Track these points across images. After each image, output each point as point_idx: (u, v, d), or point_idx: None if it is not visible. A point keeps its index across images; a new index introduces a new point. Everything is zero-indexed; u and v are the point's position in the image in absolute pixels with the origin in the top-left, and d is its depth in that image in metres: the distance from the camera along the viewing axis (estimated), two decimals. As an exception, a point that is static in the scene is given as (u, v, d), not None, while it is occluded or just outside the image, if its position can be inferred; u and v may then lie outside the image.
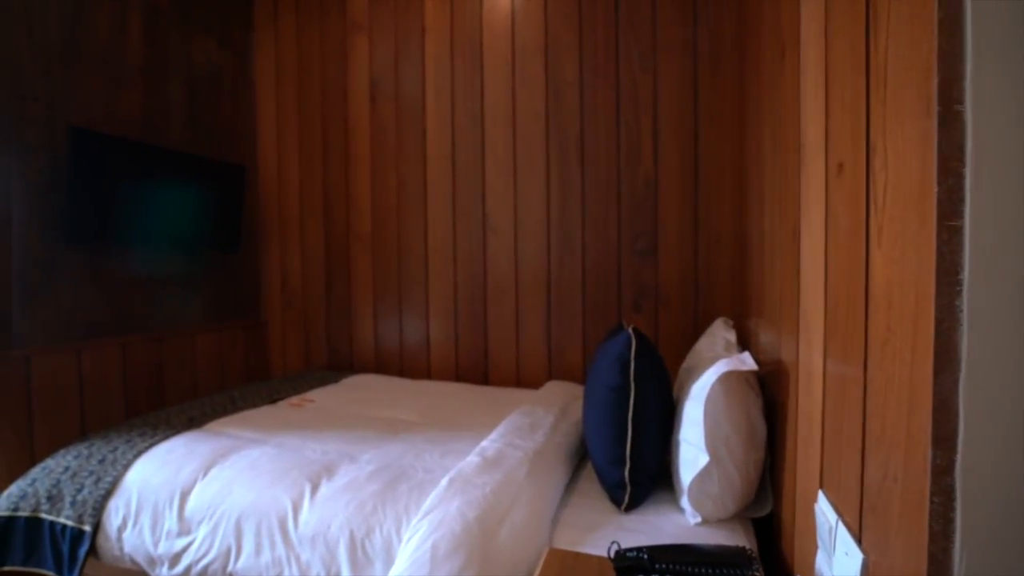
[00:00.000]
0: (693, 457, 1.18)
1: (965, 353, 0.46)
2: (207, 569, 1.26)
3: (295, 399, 2.08)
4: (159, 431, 1.64)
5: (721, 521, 1.21)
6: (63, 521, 1.36)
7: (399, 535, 1.15)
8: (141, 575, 1.35)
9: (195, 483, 1.37)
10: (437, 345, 2.53)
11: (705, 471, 1.16)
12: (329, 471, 1.37)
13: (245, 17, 2.77)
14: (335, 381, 2.38)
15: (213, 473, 1.39)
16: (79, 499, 1.39)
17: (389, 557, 1.14)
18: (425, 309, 2.54)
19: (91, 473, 1.44)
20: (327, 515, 1.22)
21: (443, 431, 1.71)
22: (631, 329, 1.32)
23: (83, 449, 1.55)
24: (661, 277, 2.19)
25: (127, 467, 1.45)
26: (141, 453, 1.50)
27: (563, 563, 0.96)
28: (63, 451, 1.56)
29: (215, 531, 1.28)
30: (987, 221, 0.45)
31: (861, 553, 0.65)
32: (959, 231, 0.46)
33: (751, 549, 0.96)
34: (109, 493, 1.39)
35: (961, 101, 0.44)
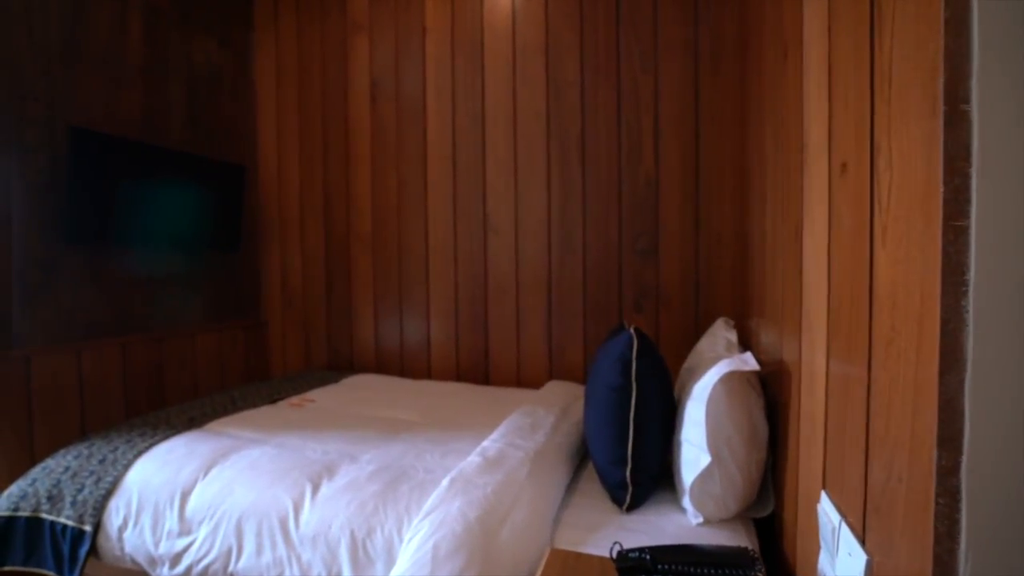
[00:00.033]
0: (695, 457, 1.18)
1: (971, 353, 0.46)
2: (208, 569, 1.26)
3: (295, 399, 2.08)
4: (159, 431, 1.64)
5: (723, 521, 1.21)
6: (64, 521, 1.36)
7: (400, 535, 1.15)
8: (142, 575, 1.35)
9: (196, 483, 1.37)
10: (438, 345, 2.53)
11: (707, 471, 1.15)
12: (330, 471, 1.37)
13: (245, 17, 2.76)
14: (335, 381, 2.38)
15: (214, 473, 1.39)
16: (80, 499, 1.39)
17: (390, 557, 1.14)
18: (426, 309, 2.53)
19: (92, 473, 1.44)
20: (328, 515, 1.22)
21: (444, 431, 1.71)
22: (632, 329, 1.32)
23: (83, 449, 1.55)
24: (662, 277, 2.19)
25: (128, 467, 1.45)
26: (142, 453, 1.49)
27: (565, 563, 0.96)
28: (63, 451, 1.56)
29: (216, 531, 1.27)
30: (993, 221, 0.45)
31: (865, 554, 0.65)
32: (965, 231, 0.46)
33: (753, 550, 0.96)
34: (110, 493, 1.39)
35: (967, 101, 0.44)
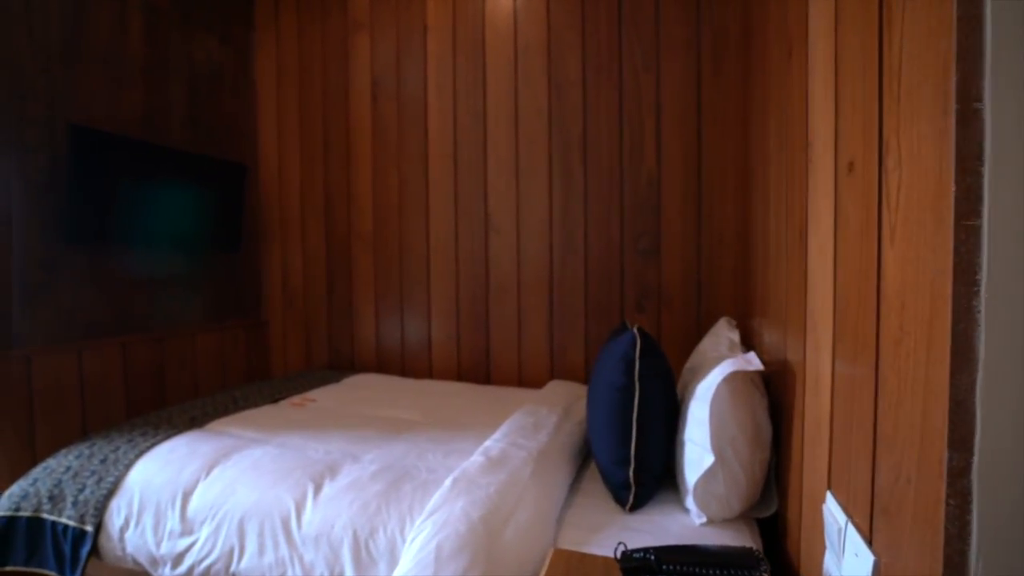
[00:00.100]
0: (698, 457, 1.18)
1: (983, 354, 0.46)
2: (210, 569, 1.26)
3: (297, 398, 2.08)
4: (161, 430, 1.63)
5: (726, 521, 1.21)
6: (65, 521, 1.36)
7: (403, 535, 1.15)
8: (144, 575, 1.34)
9: (197, 483, 1.36)
10: (439, 345, 2.52)
11: (710, 471, 1.15)
12: (332, 471, 1.37)
13: (246, 16, 2.76)
14: (336, 381, 2.37)
15: (215, 473, 1.38)
16: (81, 499, 1.38)
17: (393, 558, 1.14)
18: (427, 309, 2.53)
19: (93, 473, 1.44)
20: (330, 515, 1.22)
21: (446, 431, 1.71)
22: (636, 329, 1.32)
23: (85, 449, 1.54)
24: (664, 277, 2.19)
25: (129, 467, 1.44)
26: (143, 453, 1.49)
27: (568, 563, 0.95)
28: (64, 451, 1.56)
29: (218, 531, 1.27)
30: (1006, 220, 0.44)
31: (872, 555, 0.65)
32: (977, 231, 0.45)
33: (758, 550, 0.96)
34: (111, 493, 1.39)
35: (980, 99, 0.44)
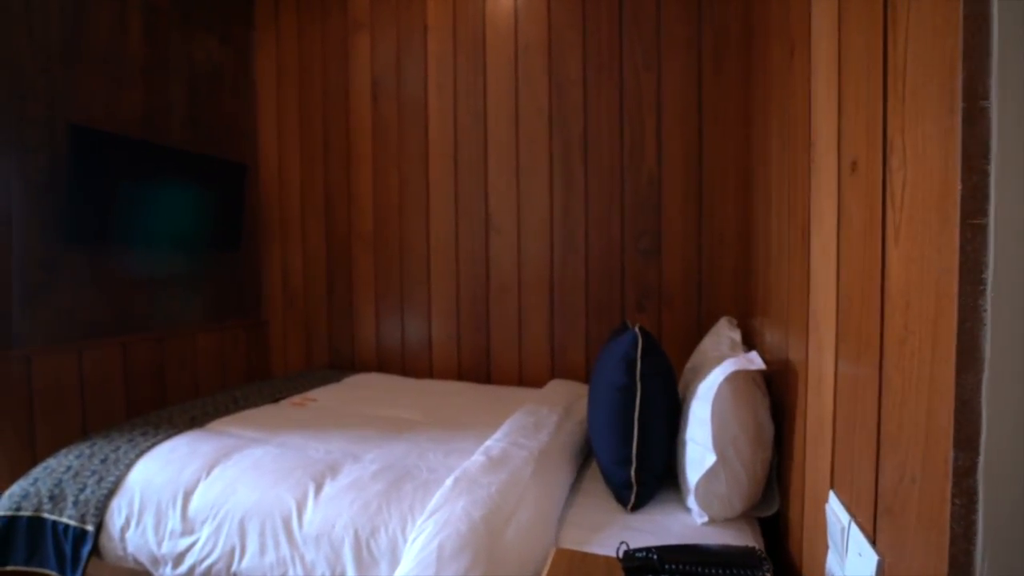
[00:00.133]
0: (700, 456, 1.17)
1: (988, 353, 0.45)
2: (211, 569, 1.26)
3: (297, 398, 2.08)
4: (161, 430, 1.63)
5: (728, 521, 1.21)
6: (66, 521, 1.36)
7: (404, 535, 1.15)
8: (145, 575, 1.34)
9: (198, 482, 1.36)
10: (439, 344, 2.52)
11: (712, 471, 1.15)
12: (333, 470, 1.37)
13: (246, 16, 2.75)
14: (337, 380, 2.37)
15: (216, 472, 1.38)
16: (82, 499, 1.38)
17: (395, 557, 1.14)
18: (427, 308, 2.53)
19: (93, 472, 1.44)
20: (331, 515, 1.21)
21: (447, 430, 1.71)
22: (637, 328, 1.32)
23: (85, 448, 1.54)
24: (665, 276, 2.18)
25: (130, 466, 1.44)
26: (143, 452, 1.49)
27: (571, 563, 0.95)
28: (65, 450, 1.55)
29: (219, 531, 1.27)
30: (1012, 219, 0.44)
31: (876, 554, 0.64)
32: (983, 229, 0.45)
33: (760, 549, 0.95)
34: (112, 492, 1.39)
35: (987, 97, 0.44)
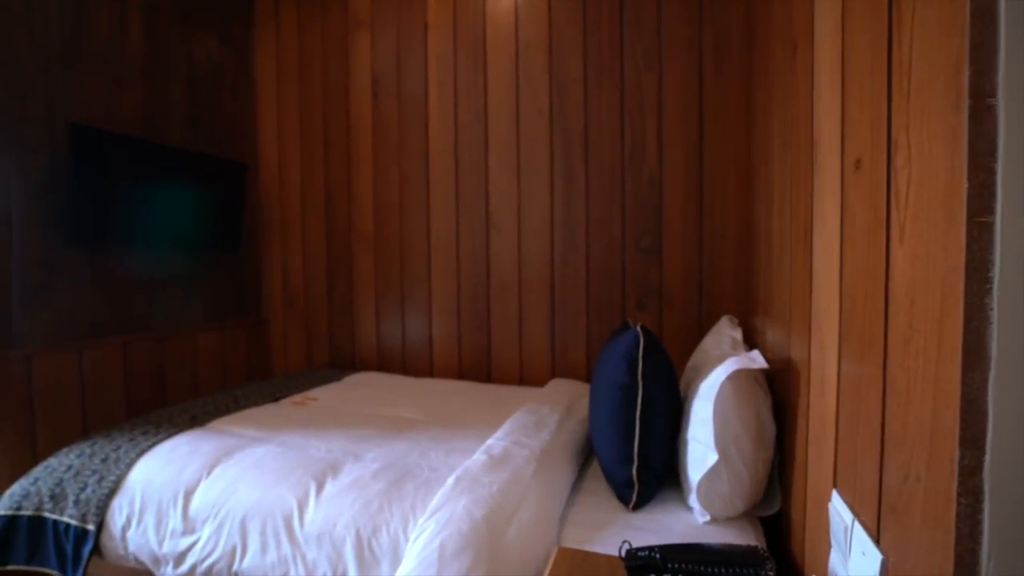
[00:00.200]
0: (702, 455, 1.17)
1: (995, 352, 0.45)
2: (212, 568, 1.26)
3: (298, 397, 2.08)
4: (162, 429, 1.63)
5: (729, 520, 1.21)
6: (66, 520, 1.36)
7: (406, 534, 1.15)
8: (146, 574, 1.34)
9: (199, 482, 1.36)
10: (440, 343, 2.52)
11: (714, 470, 1.15)
12: (334, 469, 1.37)
13: (246, 14, 2.75)
14: (337, 379, 2.37)
15: (217, 472, 1.38)
16: (82, 498, 1.38)
17: (396, 556, 1.14)
18: (428, 307, 2.53)
19: (94, 472, 1.43)
20: (333, 514, 1.21)
21: (447, 429, 1.71)
22: (639, 327, 1.32)
23: (86, 448, 1.54)
24: (665, 275, 2.18)
25: (130, 466, 1.44)
26: (144, 452, 1.49)
27: (573, 562, 0.95)
28: (66, 450, 1.55)
29: (220, 530, 1.27)
30: (1019, 217, 0.44)
31: (880, 553, 0.64)
32: (989, 228, 0.45)
33: (763, 548, 0.95)
34: (113, 492, 1.39)
35: (994, 95, 0.44)
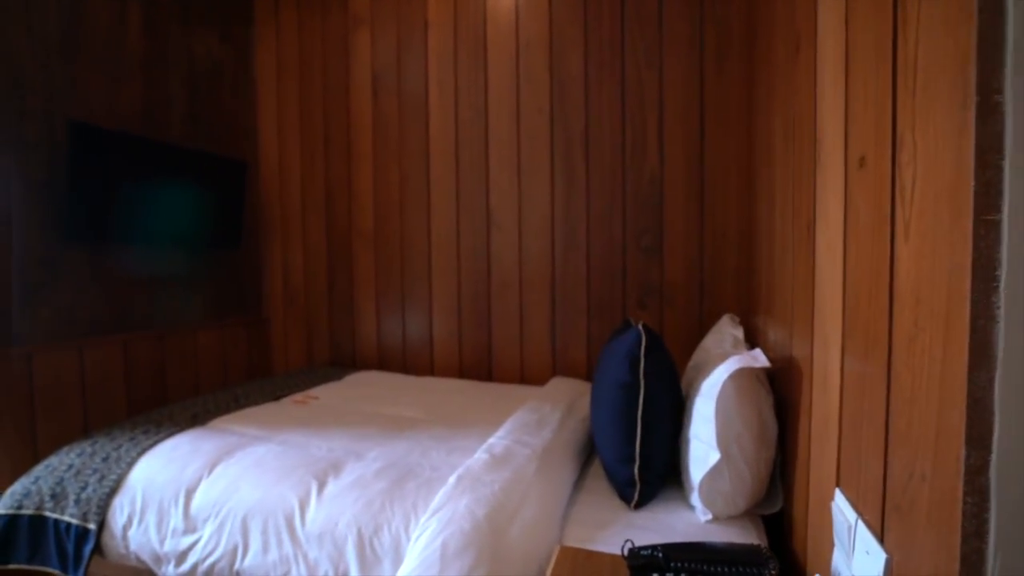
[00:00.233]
0: (704, 454, 1.17)
1: (1001, 350, 0.45)
2: (214, 567, 1.26)
3: (299, 396, 2.08)
4: (163, 428, 1.63)
5: (731, 518, 1.21)
6: (67, 519, 1.36)
7: (408, 533, 1.15)
8: (147, 573, 1.34)
9: (200, 481, 1.36)
10: (440, 341, 2.52)
11: (716, 468, 1.15)
12: (335, 468, 1.37)
13: (246, 11, 2.74)
14: (338, 378, 2.37)
15: (218, 470, 1.38)
16: (83, 497, 1.38)
17: (398, 555, 1.14)
18: (428, 305, 2.52)
19: (95, 471, 1.43)
20: (334, 513, 1.21)
21: (449, 428, 1.71)
22: (641, 326, 1.32)
23: (87, 447, 1.54)
24: (666, 274, 2.18)
25: (131, 464, 1.44)
26: (145, 450, 1.49)
27: (575, 561, 0.95)
28: (66, 449, 1.55)
29: (221, 529, 1.27)
30: (1026, 215, 0.44)
31: (884, 552, 0.64)
32: (996, 225, 0.45)
33: (766, 547, 0.95)
34: (114, 491, 1.39)
35: (1001, 91, 0.43)
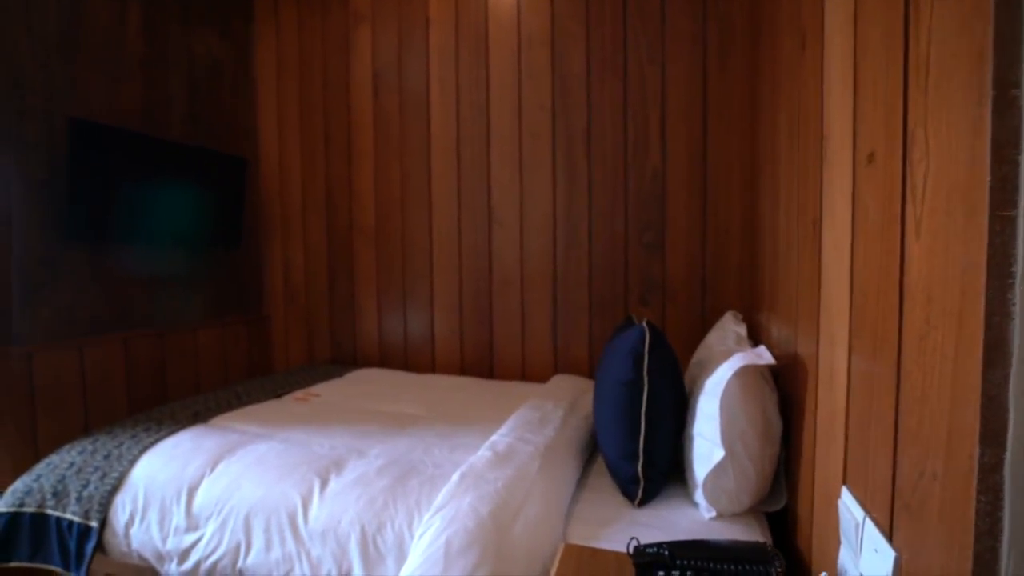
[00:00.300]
0: (708, 452, 1.17)
1: (1016, 347, 0.45)
2: (216, 565, 1.25)
3: (300, 393, 2.07)
4: (164, 426, 1.62)
5: (735, 516, 1.21)
6: (69, 517, 1.35)
7: (411, 530, 1.14)
8: (150, 571, 1.34)
9: (202, 478, 1.36)
10: (442, 339, 2.51)
11: (720, 466, 1.15)
12: (338, 466, 1.36)
13: (246, 9, 2.73)
14: (339, 375, 2.36)
15: (220, 468, 1.38)
16: (85, 495, 1.37)
17: (401, 553, 1.13)
18: (430, 303, 2.52)
19: (96, 469, 1.43)
20: (337, 510, 1.21)
21: (451, 425, 1.70)
22: (644, 323, 1.31)
23: (88, 445, 1.53)
24: (668, 271, 2.18)
25: (133, 462, 1.43)
26: (147, 448, 1.48)
27: (580, 559, 0.95)
28: (67, 447, 1.55)
29: (224, 527, 1.26)
30: (1043, 211, 0.43)
31: (893, 550, 0.64)
32: (1012, 221, 0.44)
33: (771, 544, 0.95)
34: (115, 489, 1.38)
35: (1018, 86, 0.43)
